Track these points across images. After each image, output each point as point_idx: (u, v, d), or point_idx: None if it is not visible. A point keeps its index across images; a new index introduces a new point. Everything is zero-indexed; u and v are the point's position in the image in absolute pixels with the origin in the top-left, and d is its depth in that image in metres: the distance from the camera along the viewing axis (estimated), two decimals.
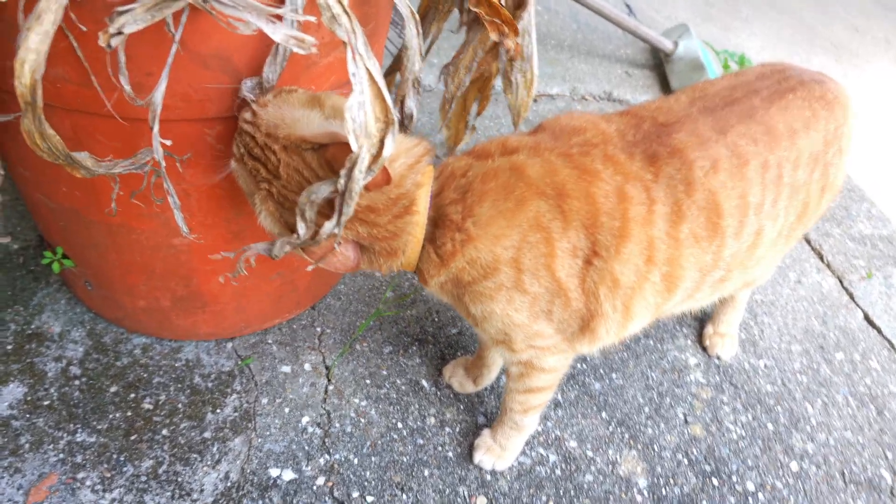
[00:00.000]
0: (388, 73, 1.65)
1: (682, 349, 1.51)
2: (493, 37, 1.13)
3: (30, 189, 1.15)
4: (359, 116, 0.73)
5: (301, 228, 0.85)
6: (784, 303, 1.70)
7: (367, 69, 0.73)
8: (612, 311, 0.99)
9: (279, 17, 0.74)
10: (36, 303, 1.37)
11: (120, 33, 0.70)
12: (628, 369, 1.45)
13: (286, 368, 1.34)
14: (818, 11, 2.92)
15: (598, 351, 1.11)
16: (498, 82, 1.85)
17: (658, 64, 2.39)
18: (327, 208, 0.85)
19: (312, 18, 0.77)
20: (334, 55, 1.01)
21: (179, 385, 1.27)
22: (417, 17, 0.99)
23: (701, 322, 1.57)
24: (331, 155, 0.86)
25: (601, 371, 1.43)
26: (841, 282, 1.80)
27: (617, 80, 2.30)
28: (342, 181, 0.79)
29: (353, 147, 0.74)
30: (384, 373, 1.36)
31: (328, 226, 0.83)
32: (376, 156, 0.78)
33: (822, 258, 1.86)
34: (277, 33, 0.72)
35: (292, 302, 1.38)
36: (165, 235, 1.13)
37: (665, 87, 2.29)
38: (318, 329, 1.41)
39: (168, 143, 0.88)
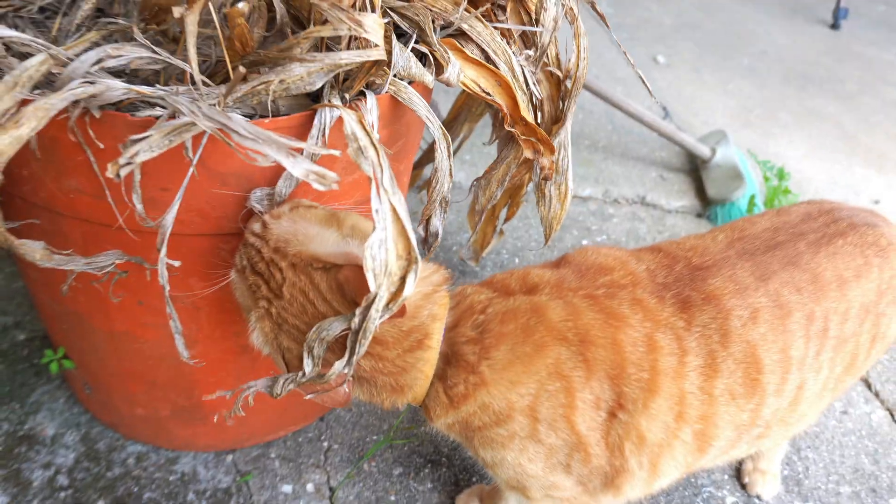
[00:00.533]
0: (418, 166, 1.62)
1: (719, 485, 1.38)
2: (528, 154, 1.08)
3: (36, 288, 1.10)
4: (380, 254, 0.67)
5: (307, 366, 0.78)
6: (830, 436, 1.57)
7: (392, 205, 0.68)
8: (638, 468, 0.90)
9: (300, 150, 0.69)
10: (34, 400, 1.31)
11: (130, 163, 0.65)
12: None
13: (287, 488, 1.24)
14: (859, 120, 2.87)
15: None
16: (530, 187, 1.81)
17: (694, 168, 2.34)
18: (335, 344, 0.79)
19: (337, 153, 0.73)
20: (359, 173, 0.96)
21: (171, 502, 1.18)
22: (449, 139, 0.95)
23: None
24: (344, 277, 0.79)
25: None
26: (892, 415, 1.67)
27: (651, 184, 2.24)
28: (357, 319, 0.72)
29: (372, 287, 0.67)
30: (392, 498, 1.25)
31: (337, 365, 0.76)
32: (395, 294, 0.72)
33: (869, 387, 1.74)
34: (297, 168, 0.67)
35: (299, 413, 1.30)
36: (170, 346, 1.05)
37: (700, 192, 2.23)
38: (325, 444, 1.32)
39: (176, 264, 0.82)
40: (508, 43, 1.07)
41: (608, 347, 0.86)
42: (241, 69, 0.72)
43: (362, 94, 0.87)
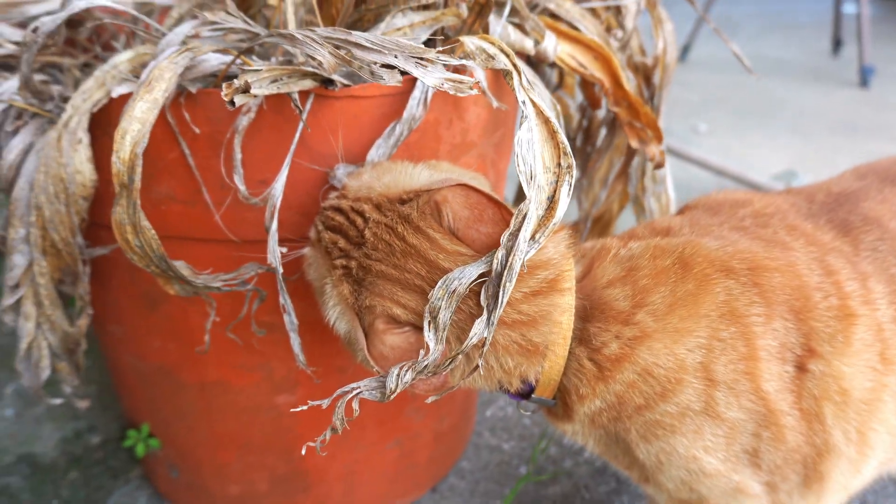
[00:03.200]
0: (518, 201, 1.54)
1: None
2: (633, 143, 0.99)
3: (118, 350, 1.00)
4: (528, 158, 0.57)
5: (431, 340, 0.62)
6: None
7: (535, 103, 0.59)
8: (846, 443, 0.71)
9: (429, 62, 0.62)
10: None
11: (247, 91, 0.58)
12: None
13: None
14: None
15: None
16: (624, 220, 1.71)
17: None
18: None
19: (470, 62, 0.65)
20: (464, 160, 0.88)
21: None
22: (559, 110, 0.88)
23: None
24: (442, 197, 0.66)
25: None
26: None
27: None
28: (501, 253, 0.60)
29: (526, 192, 0.56)
30: None
31: (477, 328, 0.61)
32: (546, 217, 0.60)
33: None
34: (430, 76, 0.59)
35: (411, 481, 1.13)
36: (267, 393, 0.94)
37: None
38: None
39: (284, 250, 0.73)
40: None
41: (784, 272, 0.71)
42: None
43: None
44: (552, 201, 0.60)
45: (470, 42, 0.65)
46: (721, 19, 4.94)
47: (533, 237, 0.60)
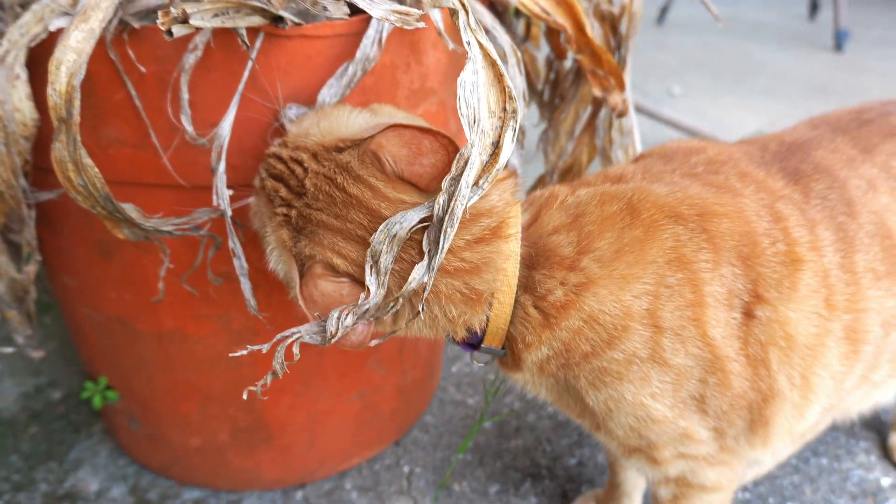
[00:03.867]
0: None
1: (868, 467, 1.17)
2: (596, 91, 0.98)
3: (73, 302, 0.98)
4: (472, 101, 0.55)
5: (372, 284, 0.61)
6: None
7: (481, 44, 0.57)
8: (790, 387, 0.72)
9: None
10: (73, 458, 1.16)
11: (185, 21, 0.56)
12: (805, 497, 1.12)
13: None
14: None
15: (773, 461, 0.83)
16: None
17: None
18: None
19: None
20: (423, 107, 0.87)
21: None
22: (520, 54, 0.86)
23: (879, 433, 1.25)
24: (377, 144, 0.63)
25: (771, 501, 1.11)
26: None
27: None
28: (442, 198, 0.59)
29: (469, 136, 0.55)
30: None
31: (417, 272, 0.60)
32: (490, 162, 0.59)
33: None
34: (376, 8, 0.57)
35: (374, 433, 1.14)
36: (226, 343, 0.93)
37: None
38: (406, 469, 1.15)
39: (230, 192, 0.71)
40: None
41: (733, 217, 0.71)
42: None
43: None
44: (496, 147, 0.59)
45: None
46: None
47: (476, 183, 0.59)
